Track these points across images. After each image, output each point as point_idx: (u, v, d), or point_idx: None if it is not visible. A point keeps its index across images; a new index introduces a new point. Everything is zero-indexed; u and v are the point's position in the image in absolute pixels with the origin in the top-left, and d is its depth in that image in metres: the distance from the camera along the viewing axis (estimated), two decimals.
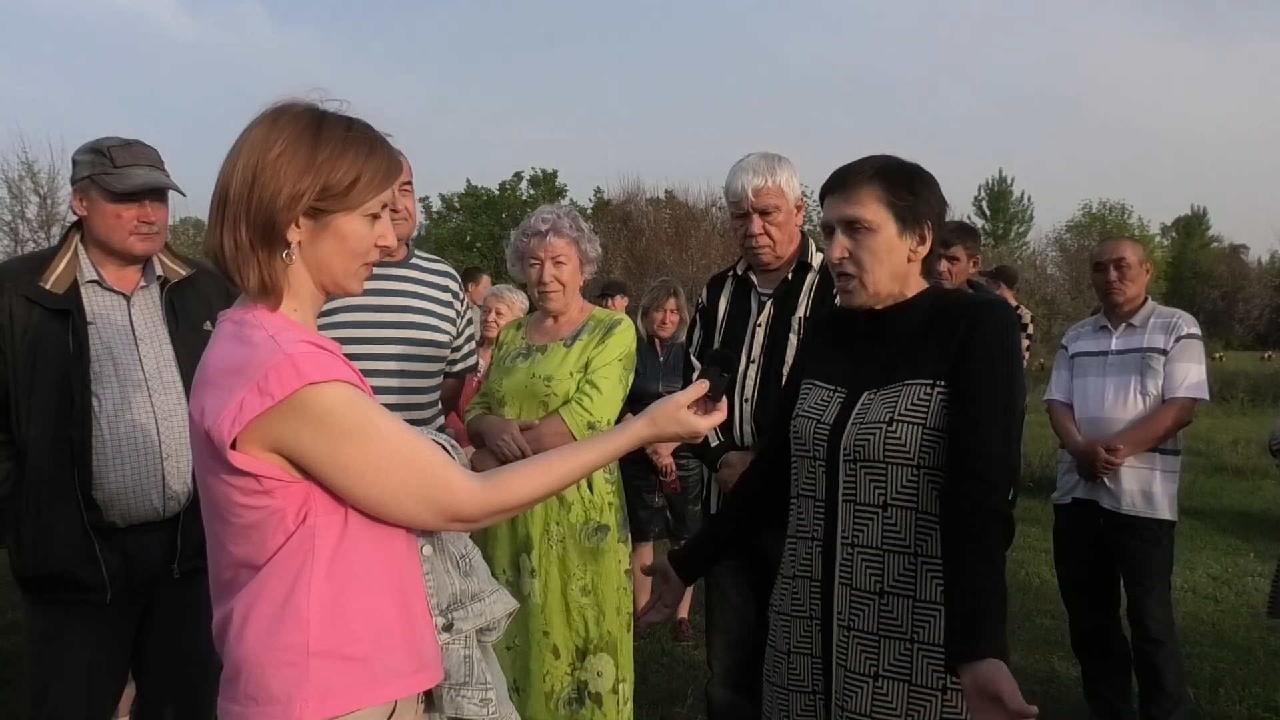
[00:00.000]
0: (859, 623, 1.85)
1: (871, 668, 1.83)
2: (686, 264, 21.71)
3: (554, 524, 2.90)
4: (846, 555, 1.87)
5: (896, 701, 1.80)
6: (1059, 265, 32.05)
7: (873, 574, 1.84)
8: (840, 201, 1.91)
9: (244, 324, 1.44)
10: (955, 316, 1.87)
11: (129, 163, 2.48)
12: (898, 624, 1.82)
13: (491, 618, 1.71)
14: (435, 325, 2.95)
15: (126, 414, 2.45)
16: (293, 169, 1.40)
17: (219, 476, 1.40)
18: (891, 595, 1.82)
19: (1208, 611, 5.43)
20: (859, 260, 1.89)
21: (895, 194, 1.88)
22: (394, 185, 1.50)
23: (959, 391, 1.81)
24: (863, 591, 1.85)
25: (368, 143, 1.46)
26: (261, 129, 1.43)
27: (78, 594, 2.44)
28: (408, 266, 2.96)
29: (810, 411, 1.96)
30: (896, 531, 1.83)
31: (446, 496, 1.45)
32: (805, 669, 1.94)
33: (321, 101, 1.48)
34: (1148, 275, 3.85)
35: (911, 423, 1.83)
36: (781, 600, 2.03)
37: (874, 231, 1.88)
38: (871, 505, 1.85)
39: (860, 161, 1.94)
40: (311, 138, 1.42)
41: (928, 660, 1.80)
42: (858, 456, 1.86)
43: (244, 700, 1.42)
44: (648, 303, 5.41)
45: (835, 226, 1.92)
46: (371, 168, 1.45)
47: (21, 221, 17.64)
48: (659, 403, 1.68)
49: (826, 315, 2.19)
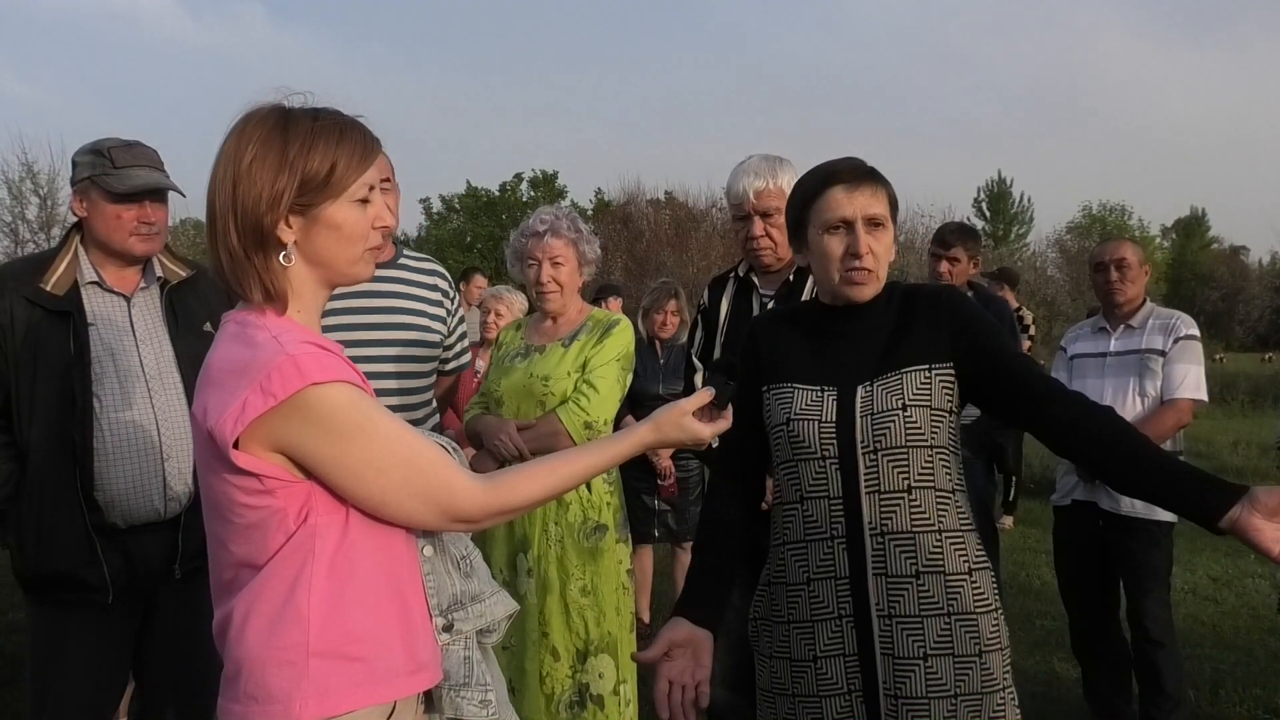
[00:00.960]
0: (900, 608, 1.87)
1: (919, 649, 1.86)
2: (687, 265, 21.70)
3: (552, 524, 2.90)
4: (878, 544, 1.89)
5: (945, 676, 1.85)
6: (1059, 267, 32.02)
7: (907, 557, 1.88)
8: (864, 198, 1.95)
9: (247, 324, 1.44)
10: (926, 306, 1.97)
11: (129, 163, 2.49)
12: (934, 601, 1.87)
13: (492, 619, 1.71)
14: (425, 325, 2.94)
15: (127, 415, 2.46)
16: (267, 170, 1.41)
17: (221, 476, 1.40)
18: (926, 574, 1.87)
19: (1208, 613, 5.43)
20: (877, 256, 1.96)
21: (890, 195, 1.99)
22: (375, 164, 1.49)
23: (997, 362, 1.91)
24: (899, 577, 1.88)
25: (337, 129, 1.46)
26: (232, 140, 1.44)
27: (79, 594, 2.45)
28: (396, 266, 2.95)
29: (805, 413, 1.96)
30: (922, 512, 1.89)
31: (448, 497, 1.46)
32: (838, 671, 1.91)
33: (286, 98, 1.48)
34: (1147, 276, 3.85)
35: (921, 406, 1.89)
36: (794, 608, 1.97)
37: (886, 229, 1.98)
38: (897, 491, 1.89)
39: (855, 160, 2.00)
40: (280, 137, 1.42)
41: (965, 628, 1.86)
42: (879, 446, 1.89)
43: (244, 699, 1.42)
44: (648, 304, 5.41)
45: (855, 222, 1.94)
46: (345, 152, 1.45)
47: (22, 223, 17.65)
48: (664, 408, 1.69)
49: (769, 318, 2.17)
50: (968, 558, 1.91)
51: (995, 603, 1.93)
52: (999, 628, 1.92)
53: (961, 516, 1.93)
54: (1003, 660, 1.91)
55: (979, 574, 1.91)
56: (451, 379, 3.17)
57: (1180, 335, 3.66)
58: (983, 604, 1.90)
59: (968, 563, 1.90)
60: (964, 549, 1.91)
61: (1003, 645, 1.92)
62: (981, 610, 1.89)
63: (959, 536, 1.90)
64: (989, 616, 1.90)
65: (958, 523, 1.91)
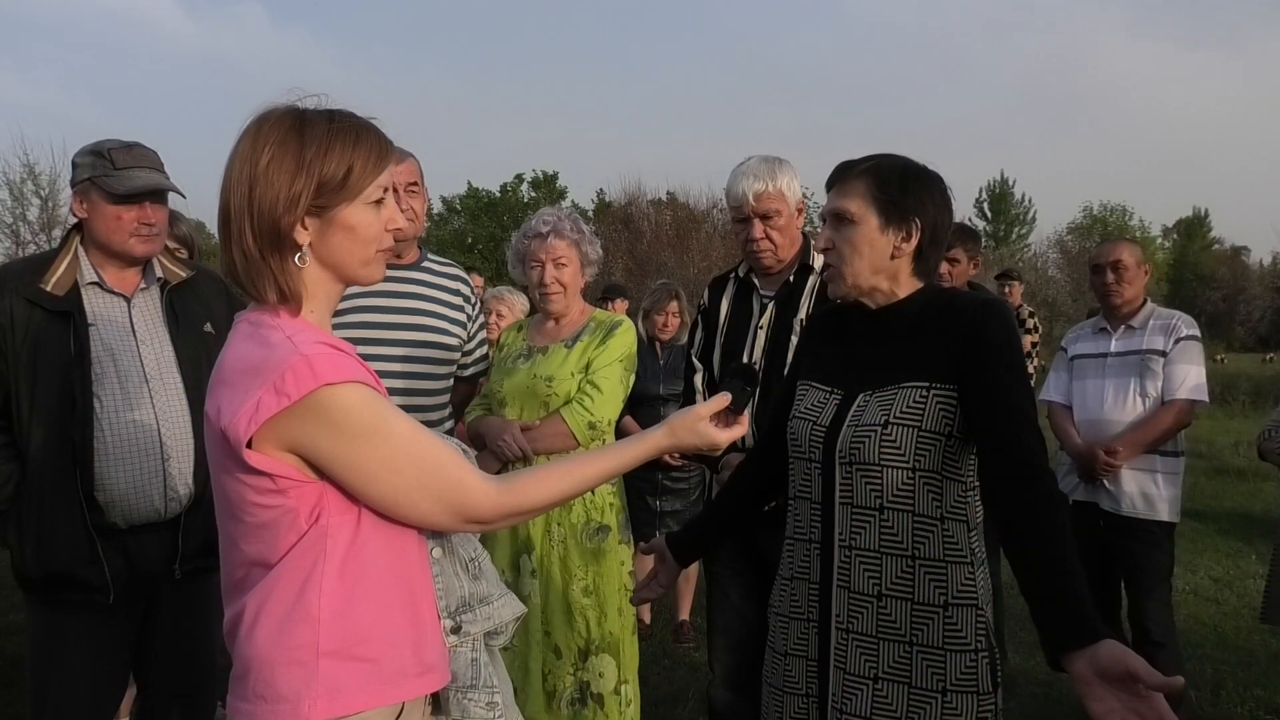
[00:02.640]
0: (858, 625, 1.85)
1: (871, 670, 1.83)
2: (688, 265, 21.72)
3: (555, 524, 2.90)
4: (844, 558, 1.87)
5: (897, 704, 1.80)
6: (1060, 267, 32.04)
7: (870, 577, 1.84)
8: (833, 194, 1.96)
9: (261, 325, 1.45)
10: (953, 317, 1.87)
11: (129, 165, 2.49)
12: (896, 626, 1.82)
13: (499, 621, 1.71)
14: (446, 329, 2.96)
15: (128, 415, 2.46)
16: (285, 173, 1.41)
17: (234, 475, 1.41)
18: (890, 598, 1.83)
19: (1209, 614, 5.43)
20: (839, 251, 1.92)
21: (882, 189, 1.89)
22: (390, 167, 1.51)
23: (986, 397, 1.79)
24: (861, 594, 1.85)
25: (353, 131, 1.47)
26: (247, 141, 1.44)
27: (80, 595, 2.45)
28: (419, 269, 2.96)
29: (807, 413, 1.96)
30: (894, 534, 1.83)
31: (461, 497, 1.46)
32: (800, 671, 1.94)
33: (300, 100, 1.48)
34: (1146, 277, 3.85)
35: (907, 425, 1.82)
36: (780, 601, 2.04)
37: (855, 224, 1.90)
38: (868, 508, 1.85)
39: (864, 158, 1.97)
40: (297, 139, 1.43)
41: (927, 662, 1.80)
42: (853, 459, 1.86)
43: (253, 698, 1.43)
44: (648, 305, 5.41)
45: (826, 218, 1.97)
46: (361, 155, 1.46)
47: (23, 224, 17.68)
48: (679, 413, 1.68)
49: (822, 314, 2.20)
50: (946, 591, 1.80)
51: (978, 644, 1.80)
52: (975, 670, 1.79)
53: (949, 547, 1.82)
54: (976, 704, 1.78)
55: (959, 610, 1.80)
56: (470, 386, 3.17)
57: (1181, 336, 3.66)
58: (957, 642, 1.79)
59: (945, 596, 1.80)
60: (943, 581, 1.80)
61: (980, 690, 1.78)
62: (955, 648, 1.79)
63: (939, 567, 1.80)
64: (962, 656, 1.79)
65: (941, 553, 1.81)
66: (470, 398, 3.24)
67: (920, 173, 1.93)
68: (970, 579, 1.83)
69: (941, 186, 1.94)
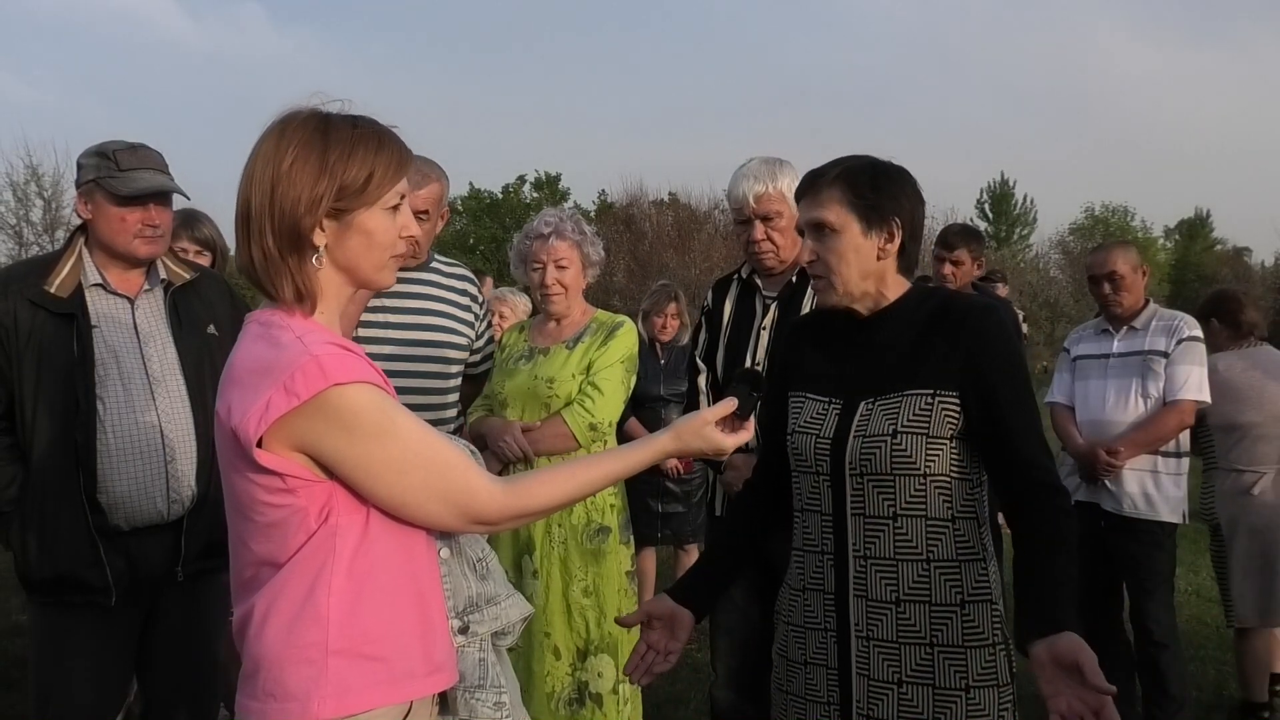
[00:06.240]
0: (878, 632, 1.85)
1: (895, 675, 1.83)
2: (689, 266, 21.74)
3: (556, 525, 2.90)
4: (860, 568, 1.87)
5: (923, 705, 1.82)
6: (1062, 268, 32.03)
7: (888, 584, 1.84)
8: (806, 205, 1.93)
9: (272, 325, 1.46)
10: (953, 323, 1.87)
11: (133, 166, 2.49)
12: (916, 629, 1.83)
13: (507, 622, 1.72)
14: (454, 329, 2.96)
15: (131, 417, 2.46)
16: (307, 174, 1.43)
17: (244, 474, 1.42)
18: (908, 602, 1.83)
19: (1211, 615, 5.41)
20: (826, 262, 1.90)
21: (857, 193, 1.87)
22: (408, 174, 1.53)
23: (990, 404, 1.82)
24: (879, 602, 1.85)
25: (375, 137, 1.49)
26: (271, 142, 1.46)
27: (83, 596, 2.45)
28: (427, 270, 2.97)
29: (807, 426, 1.94)
30: (908, 540, 1.84)
31: (468, 498, 1.47)
32: (821, 680, 1.93)
33: (324, 104, 1.51)
34: (1145, 279, 3.85)
35: (915, 433, 1.82)
36: (792, 612, 2.01)
37: (838, 233, 1.88)
38: (881, 517, 1.85)
39: (830, 164, 1.94)
40: (320, 142, 1.45)
41: (949, 661, 1.81)
42: (864, 470, 1.85)
43: (262, 697, 1.43)
44: (648, 306, 5.43)
45: (804, 230, 1.95)
46: (383, 161, 1.48)
47: (26, 225, 17.71)
48: (685, 417, 1.69)
49: (805, 320, 2.19)
50: (962, 590, 1.83)
51: (994, 638, 1.84)
52: (994, 663, 1.83)
53: (961, 545, 1.84)
54: (997, 697, 1.82)
55: (975, 606, 1.83)
56: (476, 385, 3.18)
57: (1183, 337, 3.67)
58: (975, 638, 1.82)
59: (960, 594, 1.83)
60: (958, 580, 1.83)
61: (999, 683, 1.83)
62: (974, 645, 1.82)
63: (953, 567, 1.83)
64: (981, 651, 1.82)
65: (955, 552, 1.83)
66: (474, 395, 3.24)
67: (889, 170, 1.93)
68: (984, 575, 1.86)
69: (911, 180, 1.94)
